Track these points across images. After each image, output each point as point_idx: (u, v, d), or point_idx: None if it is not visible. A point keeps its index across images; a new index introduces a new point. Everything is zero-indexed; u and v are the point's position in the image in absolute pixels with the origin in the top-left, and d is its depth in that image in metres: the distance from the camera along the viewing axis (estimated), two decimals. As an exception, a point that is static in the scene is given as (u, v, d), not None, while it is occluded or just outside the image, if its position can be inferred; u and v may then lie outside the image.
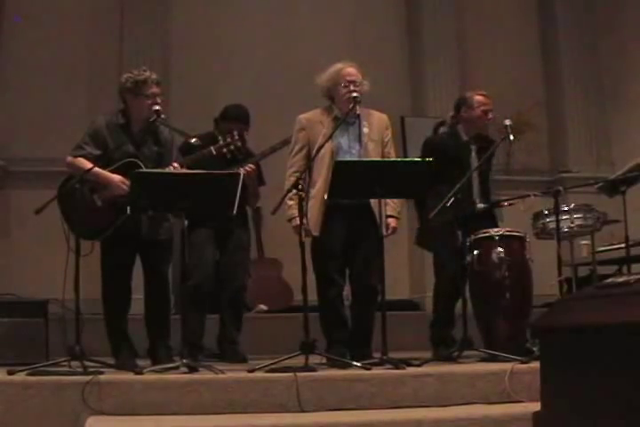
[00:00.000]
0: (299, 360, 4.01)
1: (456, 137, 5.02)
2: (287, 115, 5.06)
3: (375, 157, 4.58)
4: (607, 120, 7.95)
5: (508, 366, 3.85)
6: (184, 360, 4.00)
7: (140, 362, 4.44)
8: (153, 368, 4.01)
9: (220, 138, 4.93)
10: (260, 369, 3.90)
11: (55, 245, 4.33)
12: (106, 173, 4.35)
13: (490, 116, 4.97)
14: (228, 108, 5.25)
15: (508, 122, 4.81)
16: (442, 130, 5.16)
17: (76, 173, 4.33)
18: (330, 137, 4.47)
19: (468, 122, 5.02)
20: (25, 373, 3.74)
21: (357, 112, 4.59)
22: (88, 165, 4.32)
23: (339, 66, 4.63)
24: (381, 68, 7.13)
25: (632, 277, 2.81)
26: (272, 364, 3.95)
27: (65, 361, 3.97)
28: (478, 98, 5.02)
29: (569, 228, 5.18)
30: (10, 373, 3.74)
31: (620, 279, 2.89)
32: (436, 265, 4.93)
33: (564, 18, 8.05)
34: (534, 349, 4.21)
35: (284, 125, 5.01)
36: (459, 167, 4.78)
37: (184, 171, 4.37)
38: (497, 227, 4.89)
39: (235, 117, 5.15)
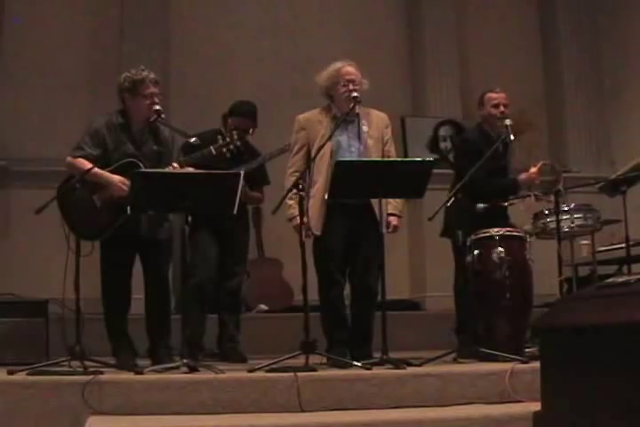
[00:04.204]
0: (299, 360, 4.01)
1: (484, 135, 5.03)
2: (287, 114, 5.07)
3: (375, 154, 4.59)
4: (607, 120, 7.95)
5: (508, 366, 3.85)
6: (184, 360, 4.00)
7: (141, 362, 4.44)
8: (153, 368, 4.01)
9: (219, 137, 4.93)
10: (260, 369, 3.89)
11: (55, 245, 4.33)
12: (106, 173, 4.35)
13: (501, 109, 4.99)
14: (236, 104, 5.24)
15: (508, 122, 4.85)
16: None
17: (76, 174, 4.33)
18: (329, 137, 4.47)
19: (485, 120, 5.10)
20: (25, 373, 3.74)
21: (357, 111, 4.60)
22: (88, 165, 4.31)
23: (338, 65, 4.64)
24: (381, 68, 7.13)
25: (632, 277, 2.81)
26: (272, 364, 3.95)
27: (65, 361, 3.97)
28: (489, 95, 5.10)
29: (569, 228, 5.18)
30: (10, 373, 3.73)
31: (620, 279, 2.89)
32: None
33: (565, 18, 8.05)
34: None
35: (285, 125, 5.01)
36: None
37: (184, 171, 4.37)
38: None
39: (242, 114, 5.15)
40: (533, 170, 5.05)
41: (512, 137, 4.81)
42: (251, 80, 7.32)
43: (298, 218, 4.32)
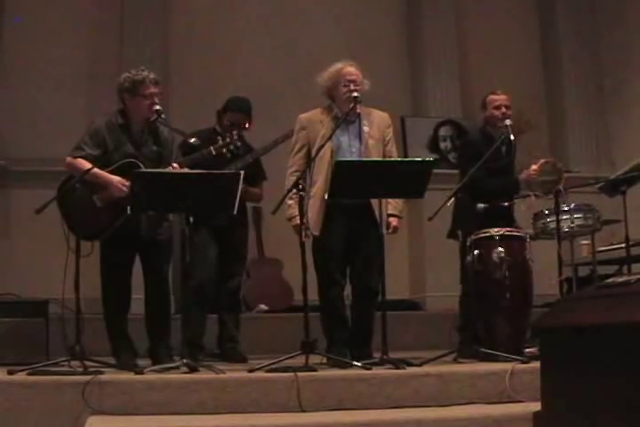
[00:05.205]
0: (299, 360, 4.01)
1: (486, 137, 5.05)
2: (287, 113, 5.08)
3: (376, 154, 4.59)
4: (607, 120, 7.95)
5: (508, 366, 3.85)
6: (184, 360, 4.00)
7: (141, 362, 4.44)
8: (153, 368, 4.01)
9: (219, 138, 4.94)
10: (260, 369, 3.90)
11: (55, 245, 4.33)
12: (105, 173, 4.34)
13: (503, 110, 5.01)
14: (231, 99, 5.28)
15: (508, 122, 4.85)
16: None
17: (76, 174, 4.33)
18: (330, 137, 4.47)
19: (488, 122, 5.13)
20: (25, 373, 3.74)
21: (358, 111, 4.60)
22: (87, 165, 4.31)
23: (339, 65, 4.64)
24: (382, 68, 7.13)
25: (632, 277, 2.82)
26: (272, 364, 3.95)
27: (65, 361, 3.98)
28: (490, 97, 5.13)
29: (569, 228, 5.18)
30: (10, 373, 3.74)
31: (620, 279, 2.89)
32: None
33: (565, 18, 8.05)
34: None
35: (285, 124, 5.01)
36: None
37: (184, 171, 4.37)
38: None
39: (236, 108, 5.18)
40: (534, 167, 5.06)
41: (512, 137, 4.82)
42: (251, 79, 7.30)
43: (297, 218, 4.33)
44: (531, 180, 5.04)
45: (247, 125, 5.15)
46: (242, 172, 4.23)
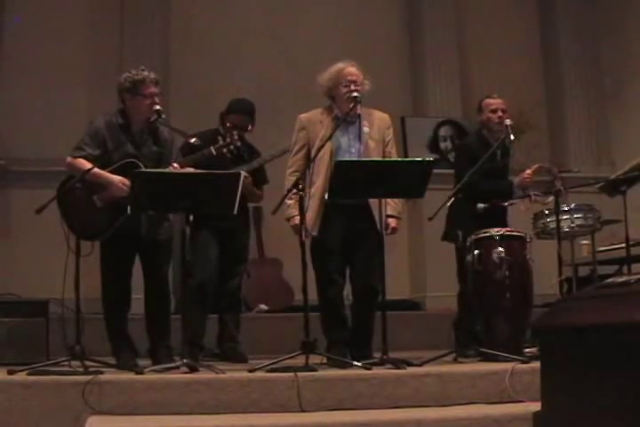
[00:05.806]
0: (299, 360, 4.01)
1: (483, 141, 5.07)
2: (287, 114, 5.07)
3: (376, 155, 4.59)
4: (607, 120, 7.95)
5: (508, 365, 3.85)
6: (184, 360, 4.00)
7: (141, 362, 4.44)
8: (153, 368, 4.01)
9: (220, 138, 4.94)
10: (260, 369, 3.90)
11: (55, 245, 4.33)
12: (106, 173, 4.34)
13: (499, 114, 5.04)
14: (233, 101, 5.28)
15: (508, 122, 4.87)
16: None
17: (76, 174, 4.33)
18: (329, 138, 4.47)
19: (485, 125, 5.17)
20: (25, 373, 3.74)
21: (358, 112, 4.60)
22: (88, 165, 4.31)
23: (339, 65, 4.63)
24: (382, 68, 7.12)
25: (632, 277, 2.81)
26: (272, 364, 3.95)
27: (65, 361, 3.98)
28: (487, 101, 5.18)
29: (569, 228, 5.19)
30: (10, 373, 3.74)
31: (620, 279, 2.89)
32: None
33: (565, 18, 8.06)
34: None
35: (286, 125, 5.01)
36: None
37: (185, 171, 4.37)
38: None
39: (239, 110, 5.18)
40: (528, 172, 5.09)
41: (512, 137, 4.83)
42: (251, 79, 7.31)
43: (296, 218, 4.33)
44: (525, 184, 5.07)
45: (250, 127, 5.15)
46: (242, 172, 4.23)
